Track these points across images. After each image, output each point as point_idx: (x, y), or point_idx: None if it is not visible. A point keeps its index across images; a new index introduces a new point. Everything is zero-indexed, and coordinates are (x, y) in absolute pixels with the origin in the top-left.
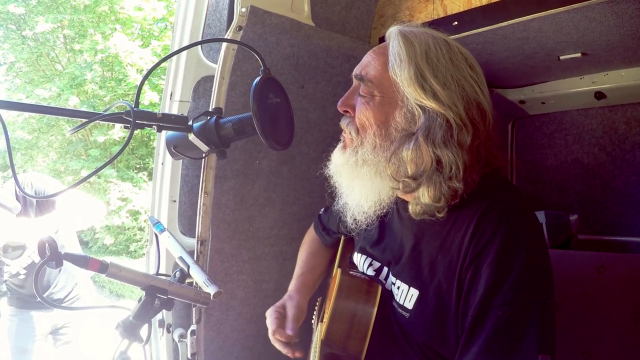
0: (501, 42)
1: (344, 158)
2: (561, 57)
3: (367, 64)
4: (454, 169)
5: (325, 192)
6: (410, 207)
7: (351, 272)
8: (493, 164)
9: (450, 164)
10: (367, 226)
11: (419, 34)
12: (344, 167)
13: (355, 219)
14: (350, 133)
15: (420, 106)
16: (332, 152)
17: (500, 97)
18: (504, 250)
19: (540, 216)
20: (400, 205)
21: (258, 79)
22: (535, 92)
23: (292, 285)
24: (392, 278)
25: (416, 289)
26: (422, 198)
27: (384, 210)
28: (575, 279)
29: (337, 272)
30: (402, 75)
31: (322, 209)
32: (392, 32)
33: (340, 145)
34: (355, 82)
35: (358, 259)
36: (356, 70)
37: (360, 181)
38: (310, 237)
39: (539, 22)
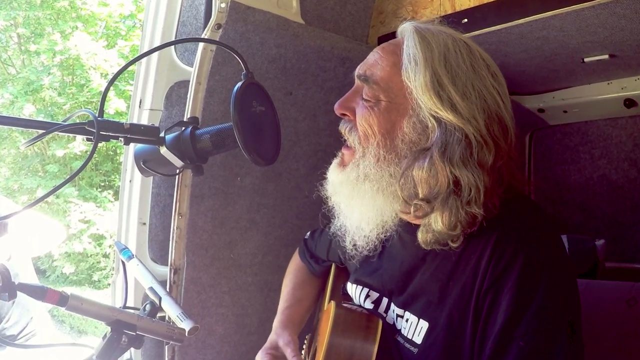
0: (517, 42)
1: (342, 176)
2: (586, 60)
3: (374, 63)
4: (473, 192)
5: (318, 212)
6: (419, 235)
7: (347, 305)
8: (515, 188)
9: (469, 186)
10: (369, 252)
11: (437, 33)
12: (343, 185)
13: (355, 244)
14: (353, 142)
15: (435, 117)
16: (325, 168)
17: (516, 105)
18: (526, 274)
19: (563, 241)
20: (401, 226)
21: (240, 84)
22: (556, 100)
23: (276, 321)
24: (397, 310)
25: (425, 320)
26: (435, 224)
27: (387, 234)
28: (602, 313)
29: (330, 306)
30: (416, 80)
31: (308, 233)
32: (407, 29)
33: (336, 161)
34: (357, 82)
35: (353, 290)
36: (359, 70)
37: (360, 200)
38: (295, 265)
39: (560, 19)
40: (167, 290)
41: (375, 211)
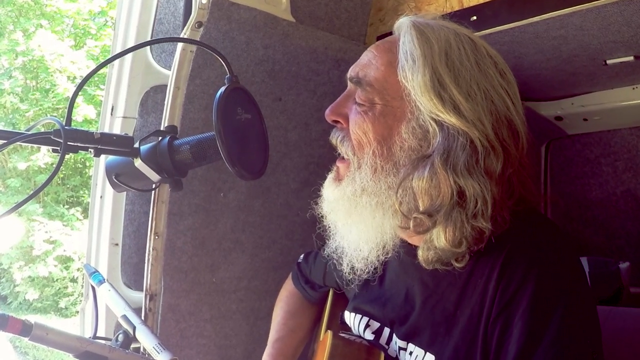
0: (532, 43)
1: (338, 191)
2: (608, 62)
3: (367, 63)
4: (480, 204)
5: (310, 232)
6: (420, 252)
7: (345, 336)
8: (527, 201)
9: (475, 196)
10: (369, 275)
11: (437, 28)
12: (339, 202)
13: (352, 267)
14: (346, 153)
15: (436, 121)
16: (318, 182)
17: (531, 112)
18: (540, 297)
19: (583, 264)
20: (402, 248)
21: (223, 89)
22: (575, 106)
23: (266, 355)
24: (399, 342)
25: (432, 353)
26: (437, 241)
27: (388, 255)
28: (627, 343)
29: (327, 336)
30: (414, 80)
31: (302, 256)
32: (404, 24)
33: (331, 176)
34: (350, 85)
35: (351, 319)
36: (352, 71)
37: (358, 217)
38: (287, 292)
39: (580, 17)
40: (142, 318)
41: (375, 229)
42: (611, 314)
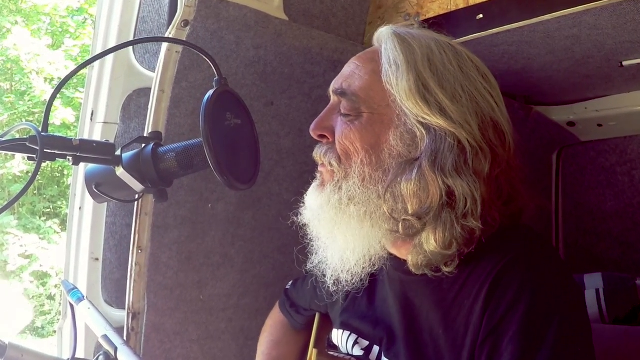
0: (543, 43)
1: (322, 198)
2: (624, 63)
3: (351, 74)
4: (469, 203)
5: (304, 247)
6: (410, 257)
7: (332, 353)
8: (516, 202)
9: (465, 196)
10: (353, 289)
11: (418, 35)
12: (323, 209)
13: (337, 280)
14: (330, 164)
15: (423, 124)
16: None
17: (541, 117)
18: (532, 319)
19: (597, 279)
20: (390, 263)
21: (211, 92)
22: (589, 111)
23: None
24: None
25: None
26: (427, 244)
27: (375, 268)
28: None
29: (312, 354)
30: (399, 85)
31: (290, 283)
32: (384, 33)
33: (316, 183)
34: (334, 98)
35: (339, 336)
36: (335, 84)
37: (345, 226)
38: (273, 320)
39: (594, 15)
40: (125, 338)
41: (362, 239)
42: (628, 335)
